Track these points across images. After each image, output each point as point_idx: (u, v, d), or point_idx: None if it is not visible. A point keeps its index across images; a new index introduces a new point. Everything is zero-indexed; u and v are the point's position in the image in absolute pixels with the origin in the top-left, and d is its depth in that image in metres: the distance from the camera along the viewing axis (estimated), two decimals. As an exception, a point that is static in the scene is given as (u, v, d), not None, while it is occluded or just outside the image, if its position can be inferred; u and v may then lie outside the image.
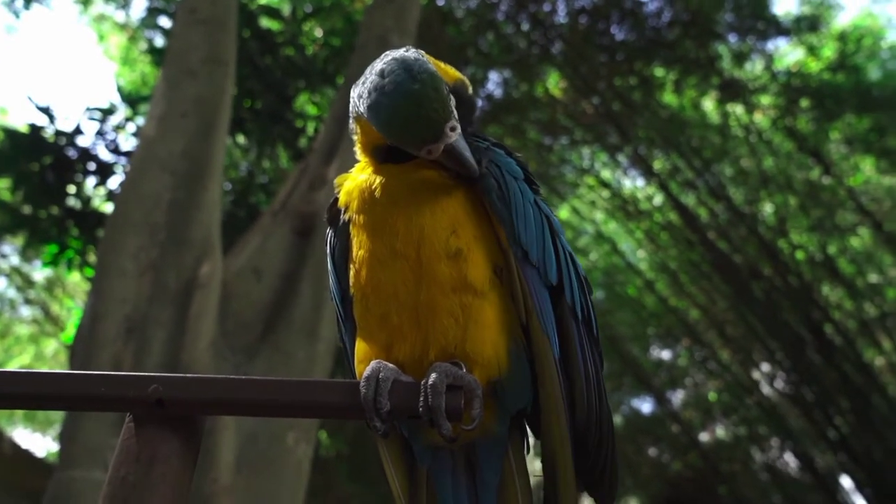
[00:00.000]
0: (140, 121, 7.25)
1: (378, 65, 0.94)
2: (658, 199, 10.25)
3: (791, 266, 9.43)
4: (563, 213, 11.87)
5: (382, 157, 1.01)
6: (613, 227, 11.10)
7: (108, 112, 6.94)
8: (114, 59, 11.09)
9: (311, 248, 4.30)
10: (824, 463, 10.83)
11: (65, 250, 6.56)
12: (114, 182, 6.74)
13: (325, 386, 0.85)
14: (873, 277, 10.26)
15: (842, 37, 9.07)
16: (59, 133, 6.52)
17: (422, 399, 0.83)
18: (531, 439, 1.02)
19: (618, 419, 13.51)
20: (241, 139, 8.18)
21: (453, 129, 0.91)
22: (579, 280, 1.01)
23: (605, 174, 10.76)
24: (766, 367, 10.53)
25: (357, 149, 1.07)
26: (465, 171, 0.93)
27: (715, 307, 10.25)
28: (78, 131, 6.59)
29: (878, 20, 10.57)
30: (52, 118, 6.51)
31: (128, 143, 7.07)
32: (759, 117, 9.41)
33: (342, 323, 1.06)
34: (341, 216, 1.04)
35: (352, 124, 1.05)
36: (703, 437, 12.72)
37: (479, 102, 11.38)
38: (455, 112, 0.92)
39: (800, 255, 9.75)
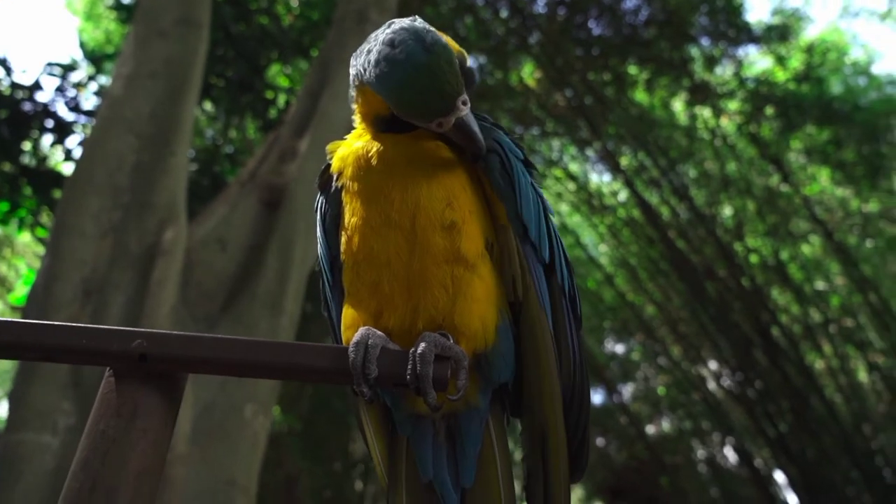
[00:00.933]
0: (103, 79, 7.01)
1: (386, 34, 0.93)
2: (623, 195, 10.42)
3: (745, 269, 9.72)
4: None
5: (383, 127, 1.00)
6: (577, 220, 11.24)
7: (69, 68, 6.69)
8: (77, 13, 10.66)
9: (279, 221, 4.25)
10: (761, 459, 11.26)
11: (17, 209, 6.32)
12: (72, 141, 6.52)
13: (313, 350, 0.85)
14: (820, 284, 10.64)
15: (809, 49, 9.32)
16: (15, 86, 6.26)
17: (410, 367, 0.84)
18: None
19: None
20: (208, 106, 7.99)
21: (465, 102, 0.91)
22: (566, 261, 1.03)
23: (573, 167, 10.88)
24: (713, 364, 10.86)
25: (355, 117, 1.07)
26: (472, 145, 0.94)
27: (670, 304, 10.50)
28: (37, 86, 6.33)
29: (844, 36, 10.90)
30: (8, 70, 6.24)
31: (89, 101, 6.83)
32: (725, 122, 9.62)
33: (329, 289, 1.06)
34: (333, 182, 1.04)
35: (352, 92, 1.04)
36: (650, 429, 13.08)
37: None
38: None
39: (753, 258, 10.05)
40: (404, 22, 0.94)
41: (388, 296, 0.93)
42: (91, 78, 6.86)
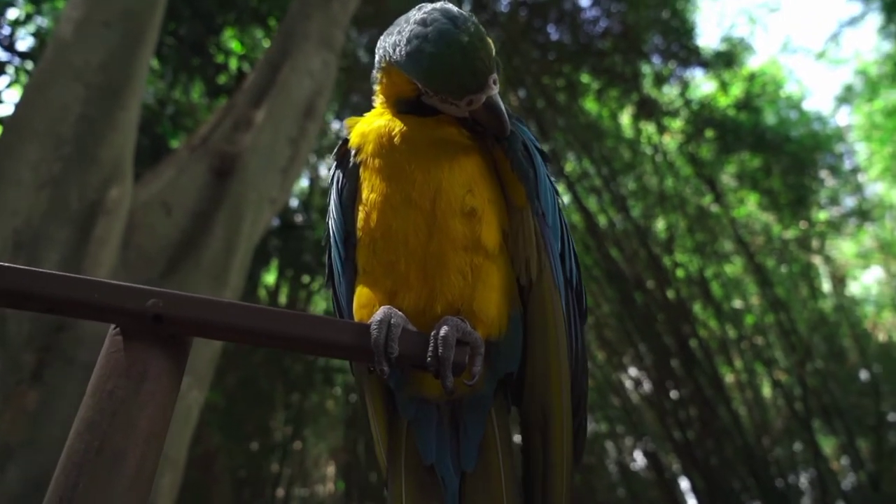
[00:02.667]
0: (41, 20, 6.59)
1: (417, 14, 0.93)
2: (565, 200, 10.65)
3: (671, 282, 10.13)
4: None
5: (405, 108, 1.00)
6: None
7: (5, 5, 6.24)
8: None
9: (229, 190, 4.12)
10: (668, 464, 11.81)
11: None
12: (2, 82, 6.09)
13: (334, 324, 0.84)
14: (738, 303, 11.22)
15: (750, 78, 9.78)
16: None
17: (431, 349, 0.84)
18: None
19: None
20: (155, 64, 7.62)
21: (495, 81, 0.92)
22: (575, 254, 1.06)
23: (519, 167, 11.01)
24: (633, 371, 11.28)
25: (377, 97, 1.05)
26: (499, 125, 0.94)
27: (599, 310, 10.83)
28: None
29: (781, 70, 11.51)
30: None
31: (24, 42, 6.41)
32: (667, 139, 9.98)
33: (340, 264, 1.04)
34: (351, 157, 1.02)
35: (376, 73, 1.03)
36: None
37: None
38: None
39: (680, 273, 10.49)
40: (435, 4, 0.94)
41: (404, 276, 0.93)
42: (29, 17, 6.42)
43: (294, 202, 9.82)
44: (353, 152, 1.02)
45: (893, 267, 10.50)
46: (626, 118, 10.29)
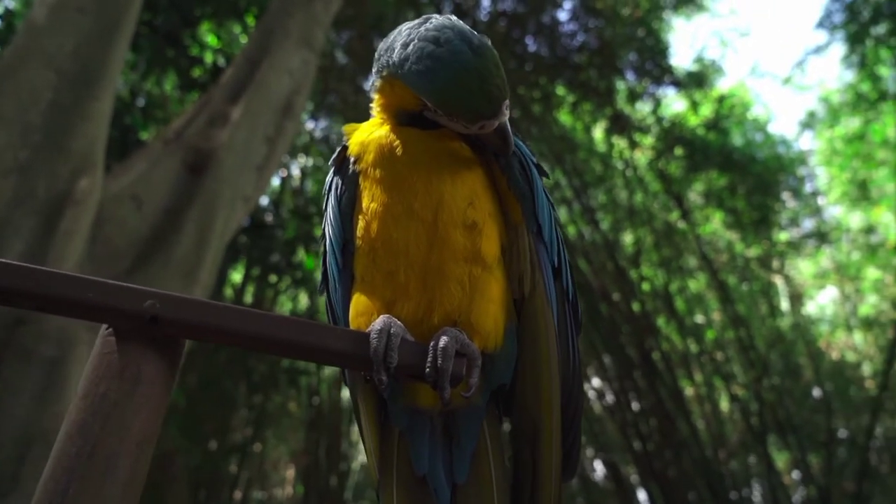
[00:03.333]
0: (9, 2, 6.40)
1: (426, 29, 0.91)
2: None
3: (637, 295, 10.29)
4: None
5: (406, 120, 0.99)
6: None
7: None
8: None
9: (202, 187, 4.05)
10: (627, 474, 11.96)
11: None
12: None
13: (333, 332, 0.83)
14: (699, 318, 11.45)
15: (720, 100, 10.02)
16: None
17: (430, 360, 0.84)
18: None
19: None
20: (128, 54, 7.46)
21: (507, 107, 0.92)
22: (570, 267, 1.07)
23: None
24: (597, 382, 11.41)
25: (375, 106, 1.04)
26: (504, 148, 0.95)
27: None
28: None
29: (749, 93, 11.82)
30: None
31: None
32: (638, 154, 10.15)
33: (337, 272, 1.03)
34: (350, 165, 1.02)
35: (376, 82, 1.02)
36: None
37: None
38: None
39: (646, 286, 10.66)
40: (445, 20, 0.93)
41: (404, 286, 0.93)
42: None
43: (265, 201, 9.70)
44: (352, 160, 1.02)
45: (848, 288, 10.85)
46: (598, 132, 10.44)
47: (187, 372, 7.91)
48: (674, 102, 10.62)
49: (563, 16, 10.18)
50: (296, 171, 11.43)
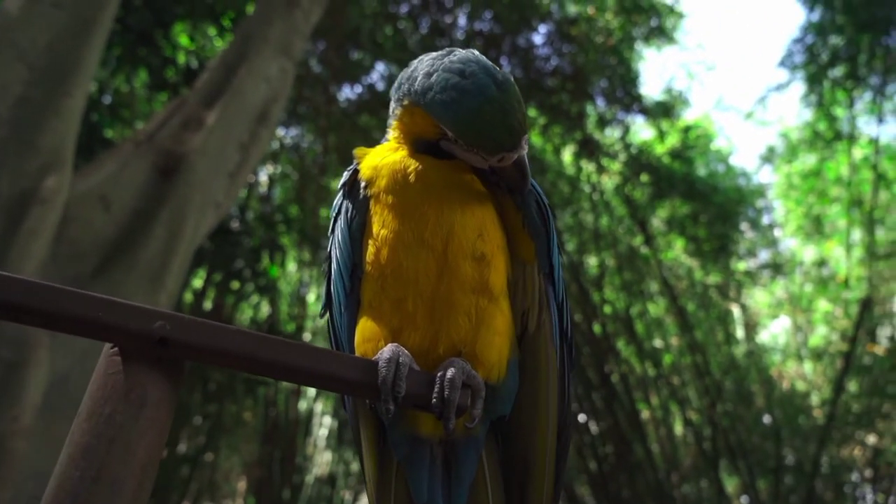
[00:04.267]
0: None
1: (451, 61, 0.93)
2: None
3: (599, 317, 10.44)
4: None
5: (422, 149, 1.00)
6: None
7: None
8: None
9: (173, 191, 3.97)
10: (581, 495, 12.04)
11: None
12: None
13: (341, 359, 0.83)
14: (658, 342, 11.66)
15: (686, 130, 10.30)
16: None
17: (437, 391, 0.84)
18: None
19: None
20: (98, 49, 7.30)
21: (527, 141, 0.94)
22: (568, 306, 1.09)
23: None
24: (555, 401, 11.49)
25: (392, 131, 1.05)
26: (522, 183, 0.96)
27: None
28: None
29: (713, 125, 12.18)
30: None
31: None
32: (605, 179, 10.34)
33: (344, 296, 1.03)
34: (361, 189, 1.02)
35: (395, 108, 1.03)
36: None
37: (360, 90, 11.21)
38: None
39: (607, 309, 10.83)
40: (469, 53, 0.95)
41: (411, 314, 0.93)
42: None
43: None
44: (363, 184, 1.02)
45: (800, 319, 11.20)
46: (568, 155, 10.61)
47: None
48: (642, 130, 10.88)
49: (538, 39, 10.35)
50: (263, 178, 11.30)
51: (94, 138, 6.62)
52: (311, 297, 12.56)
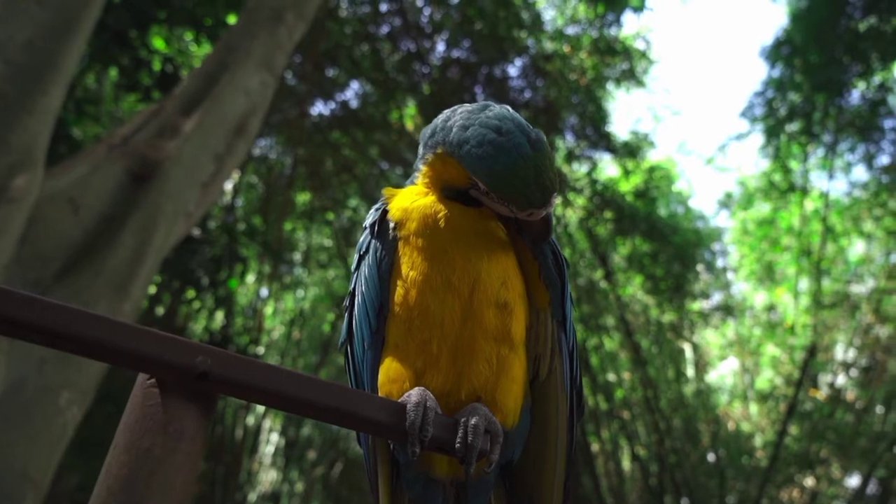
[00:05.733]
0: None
1: (487, 116, 0.97)
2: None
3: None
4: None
5: (450, 195, 1.03)
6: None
7: None
8: None
9: (145, 197, 3.90)
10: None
11: None
12: None
13: (372, 401, 0.85)
14: (611, 376, 11.85)
15: (650, 170, 10.61)
16: None
17: (460, 436, 0.86)
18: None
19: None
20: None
21: (555, 199, 0.98)
22: (578, 354, 1.13)
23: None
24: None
25: (421, 176, 1.08)
26: (545, 237, 1.00)
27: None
28: None
29: (676, 167, 12.58)
30: None
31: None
32: (570, 212, 10.54)
33: (369, 334, 1.03)
34: (390, 230, 1.04)
35: (426, 154, 1.06)
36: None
37: (333, 106, 11.20)
38: None
39: (564, 341, 10.94)
40: (505, 111, 0.99)
41: (435, 357, 0.95)
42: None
43: (193, 213, 9.37)
44: (392, 225, 1.04)
45: (747, 361, 11.55)
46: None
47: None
48: (608, 167, 11.15)
49: (513, 71, 10.55)
50: (228, 187, 11.15)
51: (57, 135, 6.44)
52: (268, 309, 12.35)
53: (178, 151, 4.25)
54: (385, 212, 1.07)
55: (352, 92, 10.83)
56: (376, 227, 1.07)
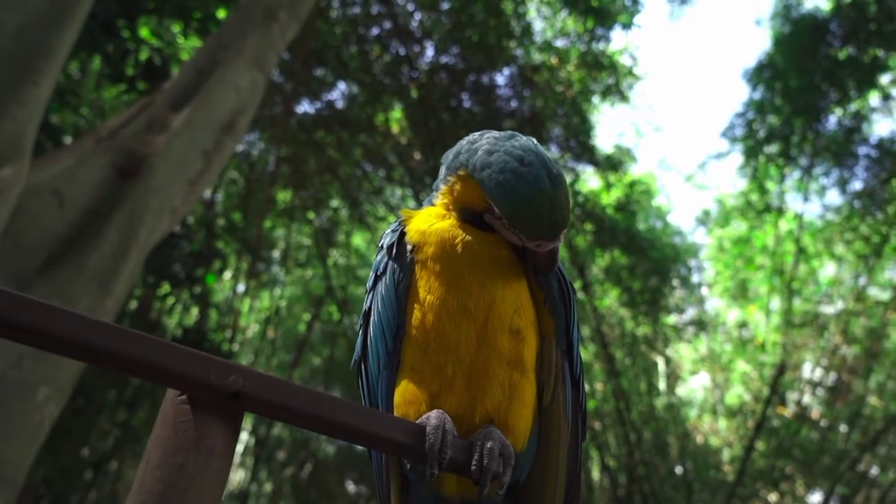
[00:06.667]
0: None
1: (513, 145, 1.00)
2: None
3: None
4: (358, 239, 12.05)
5: (466, 217, 1.06)
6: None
7: None
8: None
9: (132, 192, 3.86)
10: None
11: None
12: None
13: (393, 422, 0.87)
14: (585, 387, 11.92)
15: (631, 184, 10.75)
16: None
17: (476, 459, 0.89)
18: None
19: (331, 449, 13.69)
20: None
21: (564, 234, 1.01)
22: (583, 382, 1.16)
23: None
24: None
25: (441, 196, 1.10)
26: (548, 267, 1.03)
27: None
28: None
29: (656, 182, 12.76)
30: None
31: None
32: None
33: (385, 355, 1.05)
34: (408, 252, 1.06)
35: (448, 174, 1.08)
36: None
37: (320, 105, 11.15)
38: None
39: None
40: (530, 143, 1.02)
41: (450, 380, 0.98)
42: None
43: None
44: (409, 247, 1.06)
45: (718, 377, 11.74)
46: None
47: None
48: (590, 179, 11.27)
49: (500, 80, 10.63)
50: (209, 181, 11.01)
51: (41, 123, 6.33)
52: (243, 307, 12.24)
53: (166, 147, 4.21)
54: (403, 234, 1.09)
55: (338, 92, 10.82)
56: (394, 249, 1.08)
